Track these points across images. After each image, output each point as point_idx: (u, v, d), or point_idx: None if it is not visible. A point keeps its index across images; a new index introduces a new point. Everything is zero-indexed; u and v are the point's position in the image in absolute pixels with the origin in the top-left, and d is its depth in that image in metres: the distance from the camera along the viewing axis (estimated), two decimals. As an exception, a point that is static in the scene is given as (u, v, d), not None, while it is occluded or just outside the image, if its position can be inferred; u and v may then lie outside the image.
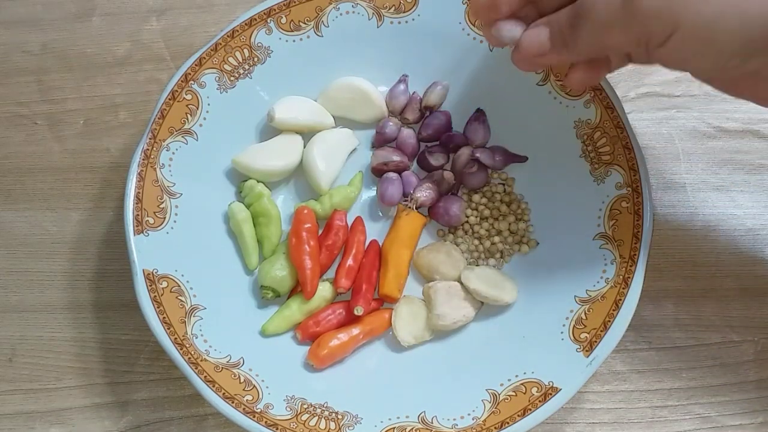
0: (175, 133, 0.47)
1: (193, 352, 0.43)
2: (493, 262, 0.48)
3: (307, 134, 0.51)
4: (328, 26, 0.50)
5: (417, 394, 0.44)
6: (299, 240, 0.47)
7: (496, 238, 0.48)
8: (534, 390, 0.42)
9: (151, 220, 0.45)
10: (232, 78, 0.49)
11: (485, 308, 0.47)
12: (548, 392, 0.42)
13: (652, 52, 0.35)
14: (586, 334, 0.43)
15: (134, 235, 0.44)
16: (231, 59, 0.49)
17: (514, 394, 0.42)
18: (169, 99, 0.47)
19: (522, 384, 0.42)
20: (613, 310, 0.43)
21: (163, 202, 0.46)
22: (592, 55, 0.38)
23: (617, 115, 0.46)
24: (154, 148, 0.47)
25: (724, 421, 0.46)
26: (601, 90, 0.47)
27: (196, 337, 0.44)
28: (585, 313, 0.44)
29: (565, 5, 0.38)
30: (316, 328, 0.46)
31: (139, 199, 0.45)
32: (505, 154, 0.49)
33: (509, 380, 0.43)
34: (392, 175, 0.49)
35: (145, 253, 0.44)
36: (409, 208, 0.48)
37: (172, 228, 0.46)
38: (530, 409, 0.41)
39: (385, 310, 0.47)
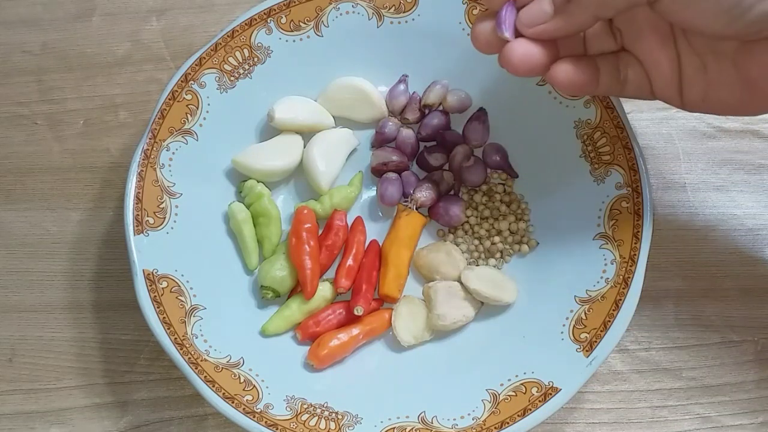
0: (175, 133, 0.47)
1: (193, 352, 0.43)
2: (493, 262, 0.48)
3: (307, 134, 0.51)
4: (328, 26, 0.50)
5: (417, 394, 0.44)
6: (299, 240, 0.47)
7: (496, 238, 0.48)
8: (534, 390, 0.42)
9: (151, 220, 0.45)
10: (232, 78, 0.49)
11: (485, 308, 0.47)
12: (548, 392, 0.42)
13: (664, 5, 0.34)
14: (586, 334, 0.43)
15: (134, 235, 0.44)
16: (231, 59, 0.49)
17: (514, 394, 0.42)
18: (169, 99, 0.47)
19: (522, 384, 0.42)
20: (613, 310, 0.43)
21: (163, 202, 0.46)
22: (594, 15, 0.37)
23: (617, 115, 0.46)
24: (154, 148, 0.47)
25: (724, 421, 0.46)
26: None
27: (196, 337, 0.44)
28: (585, 313, 0.44)
29: None
30: (316, 328, 0.46)
31: (139, 199, 0.45)
32: (504, 157, 0.49)
33: (509, 380, 0.43)
34: (392, 175, 0.49)
35: (145, 253, 0.44)
36: (409, 208, 0.48)
37: (172, 228, 0.46)
38: (530, 409, 0.41)
39: (385, 310, 0.47)
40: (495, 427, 0.41)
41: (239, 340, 0.45)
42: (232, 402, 0.41)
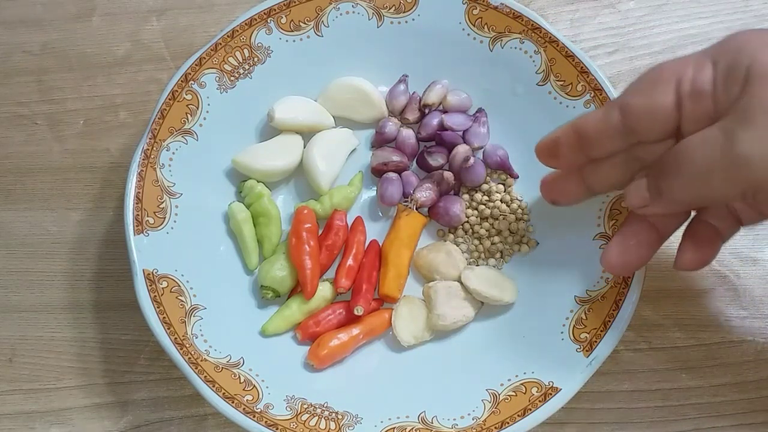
0: (175, 133, 0.48)
1: (193, 352, 0.43)
2: (493, 262, 0.48)
3: (307, 134, 0.51)
4: (328, 26, 0.50)
5: (417, 394, 0.44)
6: (299, 240, 0.47)
7: (496, 238, 0.48)
8: (534, 390, 0.42)
9: (151, 220, 0.45)
10: (232, 78, 0.49)
11: (485, 308, 0.47)
12: (548, 392, 0.42)
13: (763, 205, 0.33)
14: (586, 334, 0.43)
15: (134, 235, 0.45)
16: (231, 59, 0.49)
17: (514, 394, 0.42)
18: (169, 99, 0.47)
19: (522, 384, 0.42)
20: (613, 310, 0.43)
21: (163, 202, 0.46)
22: (692, 206, 0.37)
23: (617, 115, 0.46)
24: (154, 148, 0.47)
25: (724, 421, 0.46)
26: (600, 90, 0.47)
27: (196, 337, 0.44)
28: (585, 313, 0.44)
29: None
30: (316, 328, 0.46)
31: (139, 199, 0.45)
32: (504, 157, 0.49)
33: (509, 380, 0.43)
34: (392, 175, 0.49)
35: (145, 253, 0.44)
36: (409, 208, 0.48)
37: (172, 228, 0.46)
38: (530, 409, 0.41)
39: (385, 310, 0.47)
40: (495, 427, 0.41)
41: (239, 340, 0.45)
42: (232, 402, 0.41)
